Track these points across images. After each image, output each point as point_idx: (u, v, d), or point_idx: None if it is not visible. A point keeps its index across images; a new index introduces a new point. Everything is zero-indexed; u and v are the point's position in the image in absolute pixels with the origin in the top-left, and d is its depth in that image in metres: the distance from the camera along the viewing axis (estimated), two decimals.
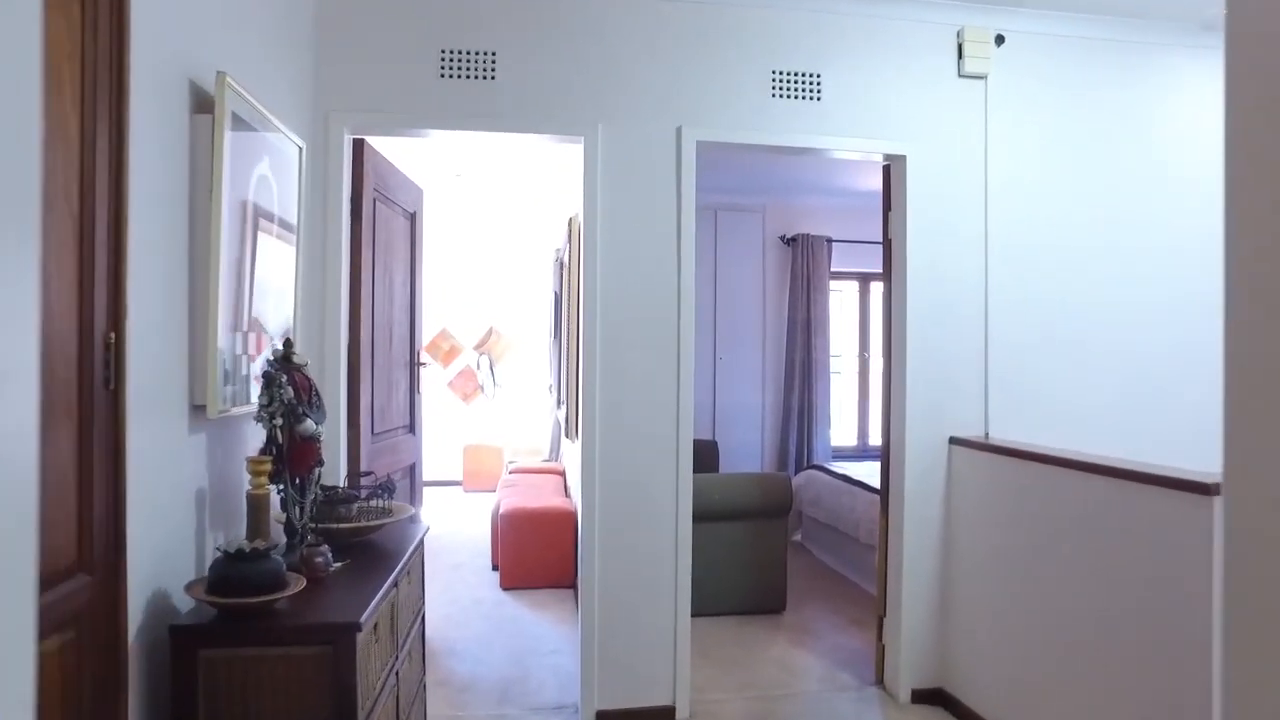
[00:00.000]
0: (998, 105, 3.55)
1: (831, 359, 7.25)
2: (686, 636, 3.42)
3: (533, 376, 9.23)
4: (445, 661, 3.96)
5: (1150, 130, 3.74)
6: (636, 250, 3.30)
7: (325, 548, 2.13)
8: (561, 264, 7.09)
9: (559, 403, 7.25)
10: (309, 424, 2.15)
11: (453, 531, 6.91)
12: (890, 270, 3.60)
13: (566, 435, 6.23)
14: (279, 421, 2.09)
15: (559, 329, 7.04)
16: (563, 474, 6.84)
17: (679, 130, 3.32)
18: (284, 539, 2.19)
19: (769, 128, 3.38)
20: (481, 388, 9.19)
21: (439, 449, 9.20)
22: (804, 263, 7.12)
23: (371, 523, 2.48)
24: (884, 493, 3.68)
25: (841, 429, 7.54)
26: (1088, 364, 3.61)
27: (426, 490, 9.13)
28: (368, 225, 3.35)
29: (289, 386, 2.12)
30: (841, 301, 7.60)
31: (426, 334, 9.22)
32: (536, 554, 5.17)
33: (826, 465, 6.27)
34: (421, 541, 2.76)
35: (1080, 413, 3.56)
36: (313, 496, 2.25)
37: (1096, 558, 2.70)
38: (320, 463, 2.24)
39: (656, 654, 3.37)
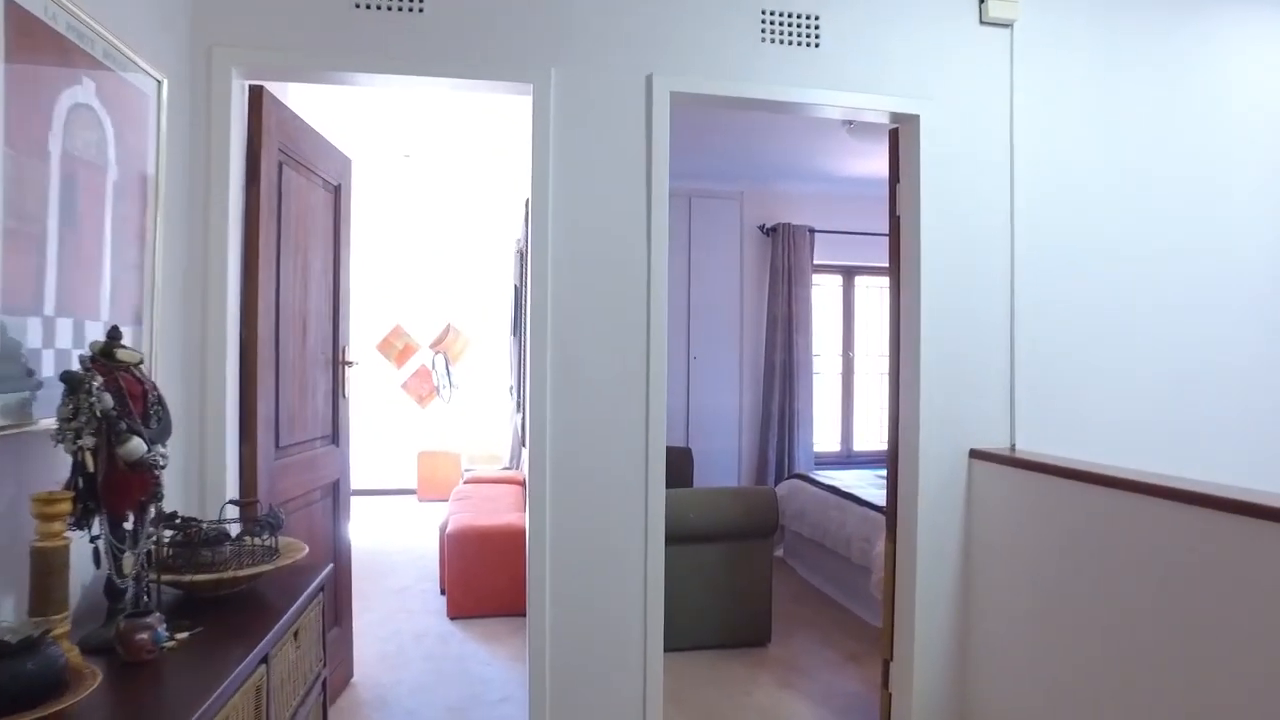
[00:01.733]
0: (1025, 57, 3.01)
1: (813, 359, 6.72)
2: (658, 682, 2.85)
3: (493, 377, 8.61)
4: (373, 717, 3.34)
5: (1212, 90, 3.23)
6: (597, 226, 2.72)
7: (154, 617, 1.52)
8: (521, 254, 6.49)
9: (518, 406, 6.65)
10: (135, 444, 1.54)
11: (401, 549, 6.28)
12: (899, 253, 3.05)
13: (524, 443, 5.63)
14: (87, 441, 1.48)
15: (520, 325, 6.44)
16: (523, 483, 6.23)
17: (649, 79, 2.74)
18: (122, 606, 1.59)
19: (757, 78, 2.82)
20: (437, 389, 8.55)
21: (392, 455, 8.55)
22: (784, 254, 6.58)
23: (243, 571, 1.87)
24: (890, 514, 3.13)
25: (824, 434, 7.01)
26: (1131, 367, 3.09)
27: (376, 500, 8.52)
28: (269, 193, 2.73)
29: (105, 394, 1.51)
30: (824, 297, 7.07)
31: (379, 331, 8.57)
32: (488, 578, 4.57)
33: (811, 474, 5.73)
34: (321, 587, 2.16)
35: (1121, 422, 3.04)
36: (146, 542, 1.64)
37: (1162, 602, 2.16)
38: (156, 496, 1.63)
39: (622, 702, 2.80)
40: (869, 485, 5.31)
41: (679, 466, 5.71)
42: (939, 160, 2.95)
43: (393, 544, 6.45)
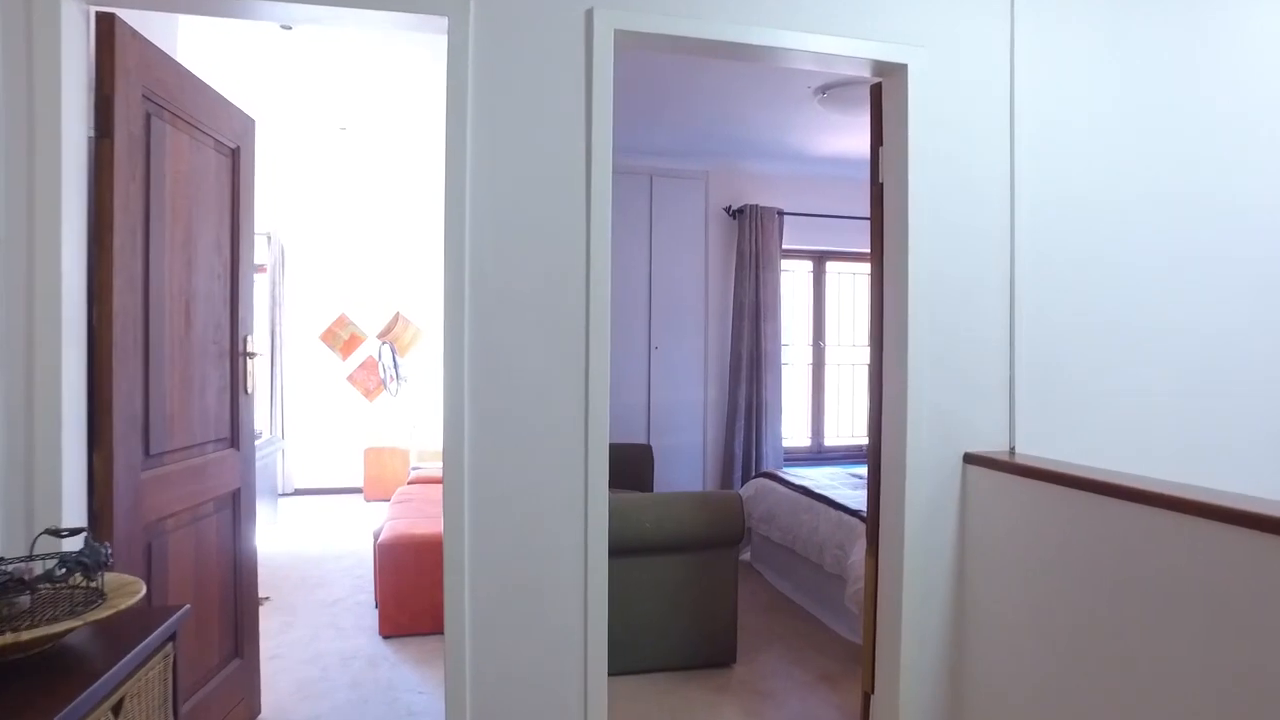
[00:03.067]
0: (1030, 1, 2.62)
1: (782, 349, 6.33)
2: (602, 710, 2.44)
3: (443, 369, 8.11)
4: None
5: (1243, 43, 2.86)
6: (526, 190, 2.28)
7: None
8: None
9: None
10: None
11: (340, 555, 5.80)
12: (882, 227, 2.65)
13: None
14: None
15: None
16: None
17: (589, 13, 2.31)
18: None
19: (717, 15, 2.39)
20: (384, 382, 8.04)
21: (337, 452, 8.04)
22: (752, 238, 6.18)
23: (39, 630, 1.41)
24: (872, 525, 2.74)
25: (794, 428, 6.64)
26: (1146, 358, 2.73)
27: (320, 500, 8.00)
28: (131, 149, 2.25)
29: None
30: (793, 283, 6.69)
31: (323, 320, 8.04)
32: (425, 592, 4.12)
33: (780, 473, 5.34)
34: (170, 637, 1.71)
35: (1134, 421, 2.67)
36: None
37: (1192, 634, 1.79)
38: None
39: None
40: (842, 485, 4.94)
41: (637, 465, 5.30)
42: (930, 119, 2.54)
43: (332, 549, 5.96)
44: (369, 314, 8.12)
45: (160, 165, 2.42)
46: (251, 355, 3.08)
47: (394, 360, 8.00)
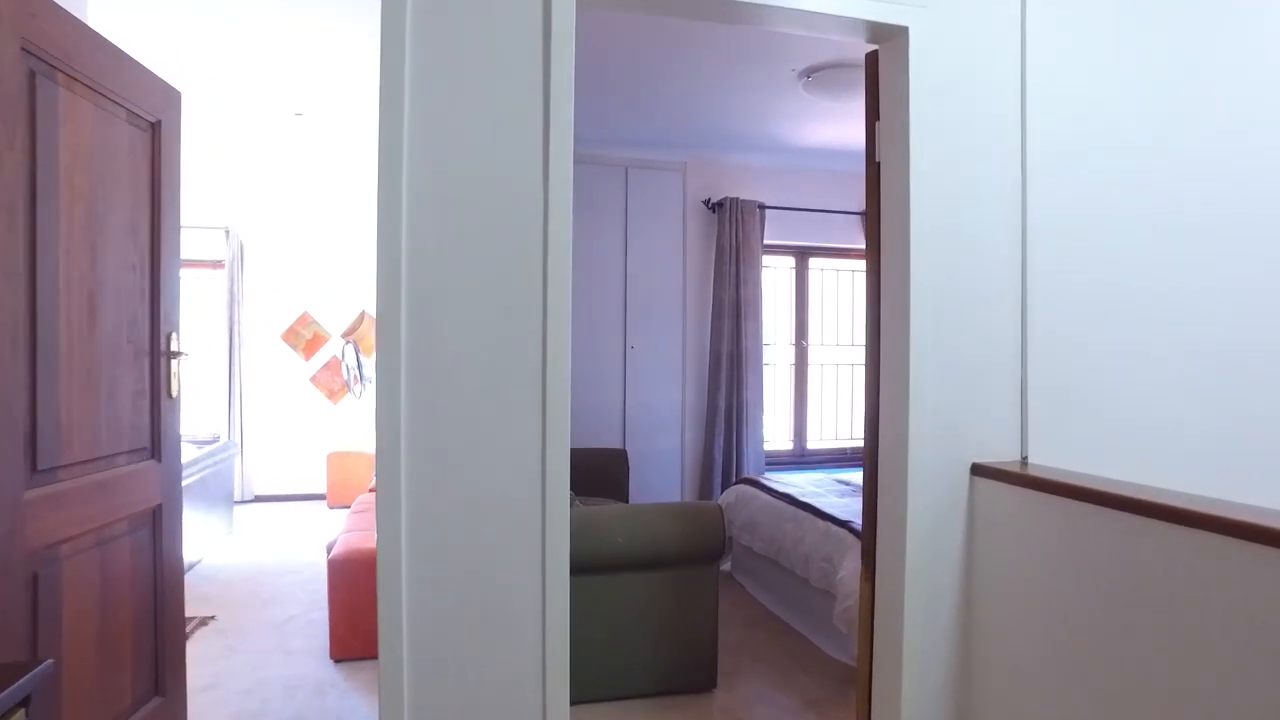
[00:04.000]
0: None
1: (764, 348, 6.06)
2: None
3: (376, 367, 7.75)
4: None
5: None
6: (474, 165, 1.98)
7: None
8: None
9: None
10: None
11: (297, 567, 5.44)
12: (880, 210, 2.37)
13: None
14: None
15: None
16: None
17: None
18: None
19: None
20: (349, 384, 7.68)
21: (300, 457, 7.67)
22: (732, 232, 5.90)
23: None
24: (868, 545, 2.46)
25: (775, 431, 6.37)
26: (1176, 357, 2.47)
27: (282, 507, 7.61)
28: (6, 109, 1.92)
29: None
30: (775, 280, 6.42)
31: (284, 319, 7.66)
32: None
33: (762, 479, 5.07)
34: (24, 705, 1.39)
35: (1162, 427, 2.41)
36: None
37: (1225, 666, 1.53)
38: None
39: None
40: (828, 492, 4.67)
41: (611, 471, 5.01)
42: (934, 90, 2.27)
43: (289, 561, 5.61)
44: (333, 312, 7.76)
45: (51, 134, 2.09)
46: (176, 355, 2.75)
47: (359, 361, 7.65)
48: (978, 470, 2.28)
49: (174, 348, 2.74)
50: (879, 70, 2.39)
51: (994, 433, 2.30)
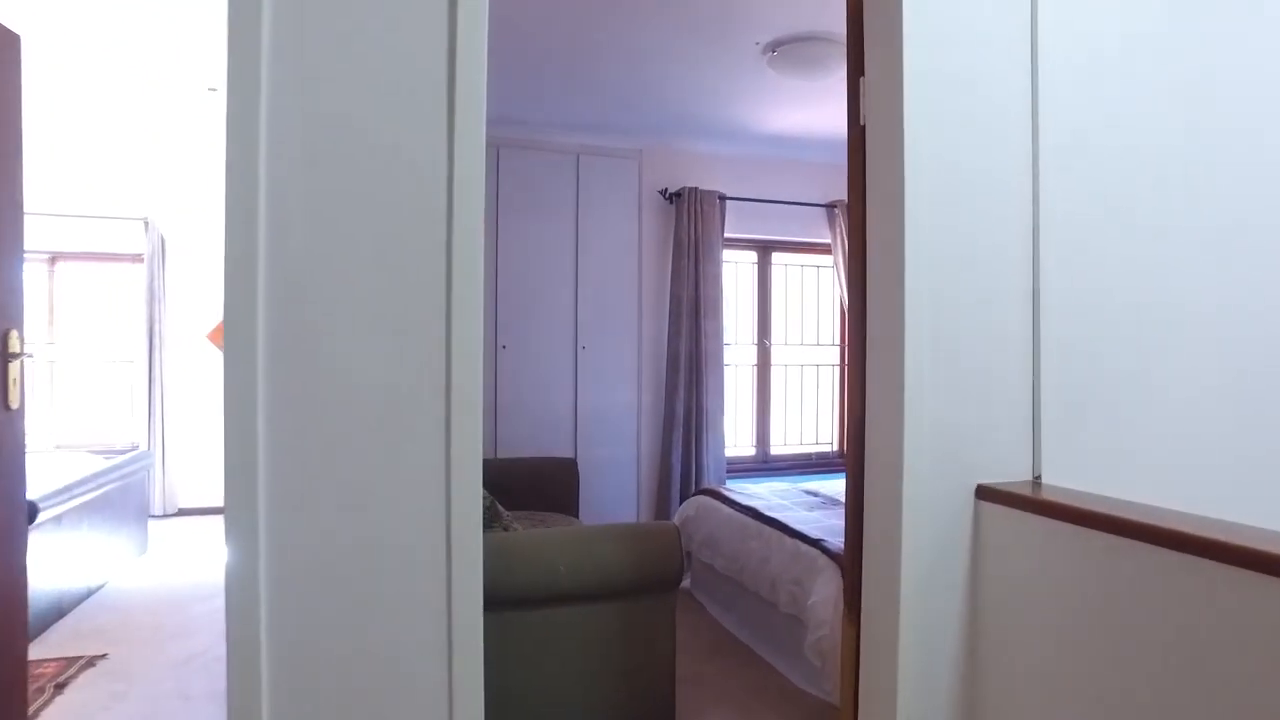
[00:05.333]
0: None
1: (724, 348, 5.69)
2: None
3: (223, 372, 7.24)
4: None
5: None
6: (352, 130, 1.55)
7: None
8: None
9: None
10: None
11: (210, 592, 4.91)
12: (865, 180, 1.99)
13: None
14: None
15: None
16: None
17: None
18: None
19: None
20: None
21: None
22: (691, 225, 5.52)
23: None
24: (852, 582, 2.07)
25: (737, 436, 6.00)
26: (1209, 367, 2.12)
27: (205, 522, 7.02)
28: None
29: None
30: (736, 276, 6.06)
31: (210, 317, 7.09)
32: None
33: (723, 490, 4.68)
34: None
35: (1195, 440, 2.06)
36: None
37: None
38: None
39: None
40: (796, 505, 4.30)
41: (560, 483, 4.59)
42: (930, 37, 1.89)
43: (204, 585, 5.08)
44: None
45: None
46: (16, 356, 2.27)
47: None
48: (984, 494, 1.91)
49: (13, 348, 2.26)
50: (863, 15, 2.00)
51: (1002, 448, 1.93)
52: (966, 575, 1.93)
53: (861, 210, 2.00)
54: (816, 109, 4.82)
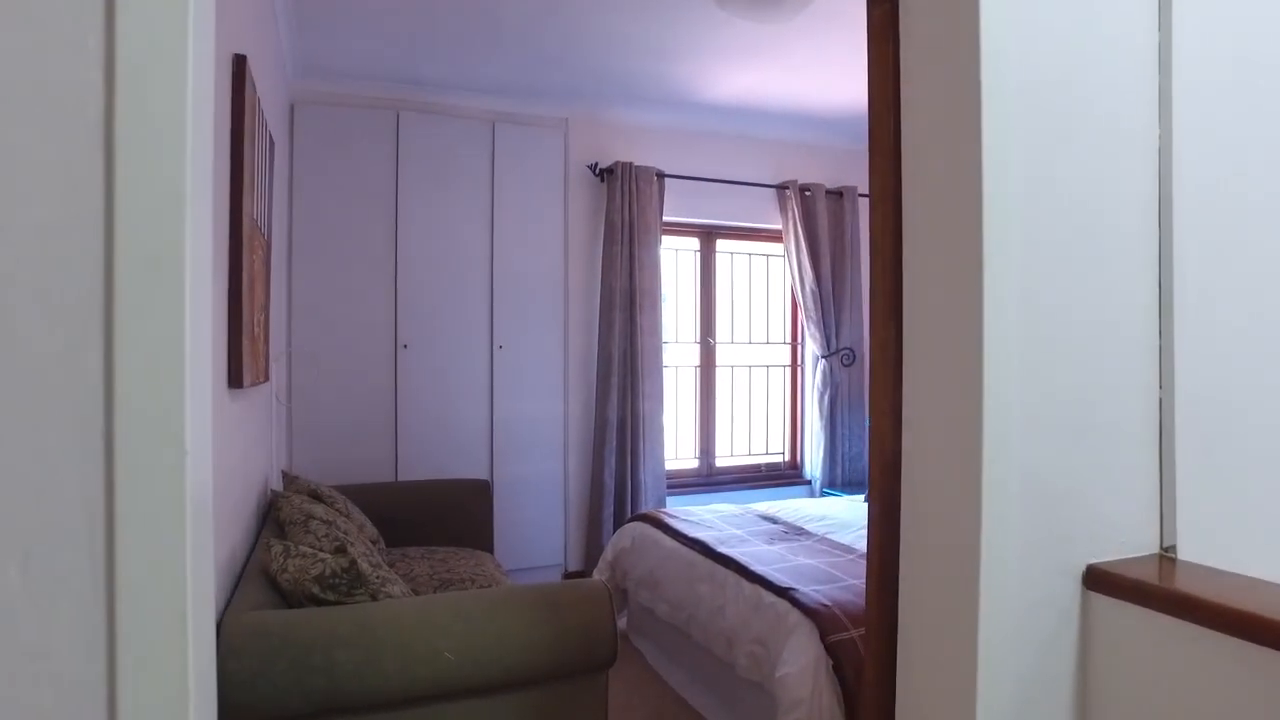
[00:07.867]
0: None
1: (663, 346, 4.97)
2: None
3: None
4: None
5: None
6: None
7: None
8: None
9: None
10: None
11: None
12: (899, 131, 1.27)
13: None
14: None
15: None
16: None
17: None
18: None
19: None
20: None
21: None
22: (625, 205, 4.78)
23: None
24: (875, 700, 1.35)
25: (678, 447, 5.29)
26: None
27: None
28: None
29: None
30: (675, 265, 5.34)
31: None
32: None
33: (664, 515, 3.94)
34: None
35: None
36: None
37: None
38: None
39: None
40: (752, 536, 3.59)
41: (471, 510, 3.81)
42: None
43: None
44: None
45: None
46: None
47: None
48: (1095, 580, 1.21)
49: None
50: None
51: (1120, 511, 1.24)
52: (1070, 695, 1.22)
53: (896, 171, 1.28)
54: (768, 68, 4.13)
